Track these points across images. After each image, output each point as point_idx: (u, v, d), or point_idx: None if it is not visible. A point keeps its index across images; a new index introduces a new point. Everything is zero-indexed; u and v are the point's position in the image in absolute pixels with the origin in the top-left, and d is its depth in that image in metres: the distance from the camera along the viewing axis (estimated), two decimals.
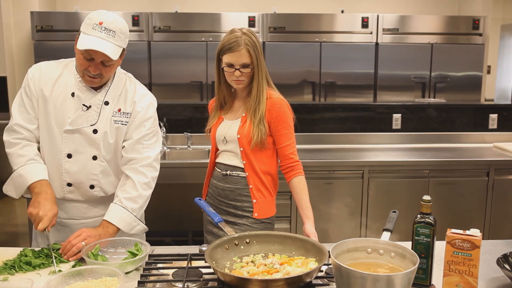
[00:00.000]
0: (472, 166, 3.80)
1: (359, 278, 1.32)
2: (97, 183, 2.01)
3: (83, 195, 2.03)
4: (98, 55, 1.82)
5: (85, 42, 1.81)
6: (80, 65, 1.89)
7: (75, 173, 1.98)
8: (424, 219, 1.53)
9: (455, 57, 5.98)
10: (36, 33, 5.67)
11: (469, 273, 1.46)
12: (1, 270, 1.66)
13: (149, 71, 5.74)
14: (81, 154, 1.97)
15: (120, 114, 1.99)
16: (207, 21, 5.75)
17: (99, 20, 1.82)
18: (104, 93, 1.98)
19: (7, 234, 4.98)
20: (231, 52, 2.06)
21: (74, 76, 1.97)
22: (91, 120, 1.95)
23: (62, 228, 2.00)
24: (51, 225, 1.85)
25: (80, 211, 2.06)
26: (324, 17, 5.85)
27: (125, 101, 2.01)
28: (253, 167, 2.14)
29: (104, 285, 1.49)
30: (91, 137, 1.96)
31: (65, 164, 1.97)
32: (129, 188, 1.98)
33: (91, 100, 1.95)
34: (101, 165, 2.00)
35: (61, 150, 1.96)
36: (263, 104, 2.11)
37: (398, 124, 4.41)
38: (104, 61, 1.85)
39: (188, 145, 4.17)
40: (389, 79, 5.97)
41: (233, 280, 1.43)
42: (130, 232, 1.99)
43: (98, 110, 1.96)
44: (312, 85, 5.91)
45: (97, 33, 1.81)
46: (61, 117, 1.95)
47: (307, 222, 2.08)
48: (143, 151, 2.02)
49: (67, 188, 2.01)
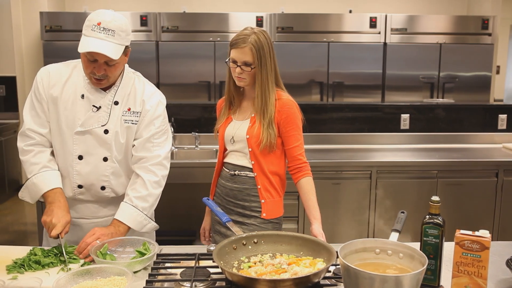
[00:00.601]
0: (481, 167, 3.77)
1: (367, 278, 1.31)
2: (108, 184, 2.02)
3: (93, 196, 2.04)
4: (100, 56, 1.81)
5: (85, 44, 1.80)
6: (85, 67, 1.89)
7: (86, 175, 1.98)
8: (432, 220, 1.53)
9: (464, 57, 5.95)
10: (45, 33, 5.71)
11: (478, 275, 1.45)
12: (10, 269, 1.67)
13: (157, 71, 5.76)
14: (92, 156, 1.97)
15: (130, 113, 1.99)
16: (215, 21, 5.76)
17: (97, 20, 1.81)
18: (113, 93, 1.98)
19: (16, 233, 5.01)
20: (236, 48, 2.07)
21: (83, 77, 1.97)
22: (101, 120, 1.96)
23: (72, 227, 2.01)
24: (64, 232, 1.86)
25: (91, 210, 2.07)
26: (332, 17, 5.84)
27: (135, 100, 2.01)
28: (262, 167, 2.14)
29: (113, 284, 1.49)
30: (102, 137, 1.96)
31: (76, 166, 1.98)
32: (139, 187, 1.99)
33: (100, 101, 1.96)
34: (112, 166, 2.00)
35: (72, 152, 1.96)
36: (271, 106, 2.10)
37: (406, 125, 4.39)
38: (108, 61, 1.84)
39: (196, 145, 4.17)
40: (397, 79, 5.95)
41: (241, 280, 1.43)
42: (142, 231, 2.01)
43: (108, 111, 1.96)
44: (320, 85, 5.90)
45: (96, 34, 1.80)
46: (71, 119, 1.95)
47: (314, 223, 2.08)
48: (153, 149, 2.02)
49: (78, 189, 2.01)
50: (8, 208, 5.74)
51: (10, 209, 5.73)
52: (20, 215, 5.53)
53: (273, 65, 2.12)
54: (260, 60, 2.06)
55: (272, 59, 2.11)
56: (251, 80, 2.11)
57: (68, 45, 5.56)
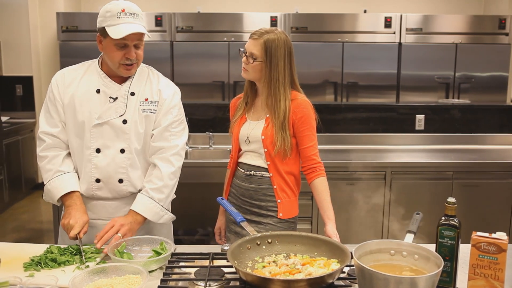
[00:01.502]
0: (497, 168, 3.73)
1: (382, 280, 1.31)
2: (125, 177, 2.03)
3: (111, 191, 2.04)
4: (131, 39, 1.89)
5: (119, 30, 1.85)
6: (114, 57, 1.92)
7: (104, 168, 1.99)
8: (448, 221, 1.51)
9: (480, 57, 5.88)
10: (62, 33, 5.77)
11: (495, 277, 1.43)
12: (27, 266, 1.69)
13: (172, 71, 5.79)
14: (109, 148, 1.99)
15: (147, 103, 2.03)
16: (229, 21, 5.77)
17: (120, 8, 1.88)
18: (128, 84, 2.02)
19: (32, 231, 5.07)
20: (250, 38, 2.13)
21: (97, 74, 2.01)
22: (119, 111, 1.98)
23: (90, 229, 2.01)
24: (83, 232, 1.88)
25: (109, 211, 2.06)
26: (346, 17, 5.81)
27: (151, 90, 2.05)
28: (277, 167, 2.14)
29: (128, 283, 1.50)
30: (121, 128, 1.98)
31: (94, 159, 1.99)
32: (155, 179, 2.02)
33: (116, 93, 1.99)
34: (129, 158, 2.01)
35: (90, 145, 1.98)
36: (283, 108, 2.09)
37: (421, 125, 4.35)
38: (136, 44, 1.93)
39: (210, 144, 4.19)
40: (412, 80, 5.90)
41: (255, 279, 1.43)
42: (159, 222, 2.04)
43: (124, 101, 1.99)
44: (334, 85, 5.88)
45: (124, 19, 1.87)
46: (87, 113, 1.97)
47: (328, 223, 2.08)
48: (170, 138, 2.05)
49: (96, 184, 2.02)
50: (24, 206, 5.81)
51: (27, 207, 5.80)
52: (36, 213, 5.60)
53: (288, 67, 2.12)
54: (270, 58, 2.07)
55: (287, 61, 2.12)
56: (255, 75, 2.12)
57: (84, 45, 5.62)
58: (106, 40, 1.92)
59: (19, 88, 6.23)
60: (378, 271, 1.32)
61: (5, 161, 5.57)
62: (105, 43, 1.93)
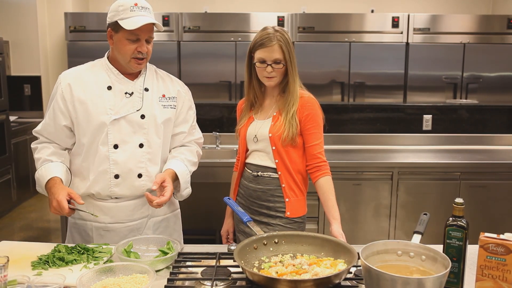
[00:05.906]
0: (505, 169, 3.71)
1: (389, 280, 1.30)
2: (145, 172, 2.01)
3: (130, 187, 2.01)
4: (144, 32, 1.91)
5: (133, 22, 1.87)
6: (126, 51, 1.93)
7: (123, 163, 1.98)
8: (456, 222, 1.51)
9: (488, 57, 5.84)
10: (70, 33, 5.79)
11: (503, 279, 1.42)
12: (35, 265, 1.70)
13: (179, 70, 5.80)
14: (127, 144, 1.98)
15: (165, 99, 2.07)
16: (236, 21, 5.78)
17: (133, 2, 1.90)
18: (142, 79, 2.04)
19: (40, 229, 5.10)
20: (263, 48, 2.07)
21: (105, 71, 2.01)
22: (136, 105, 1.99)
23: (106, 233, 2.01)
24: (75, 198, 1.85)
25: (126, 213, 2.03)
26: (353, 17, 5.80)
27: (165, 87, 2.10)
28: (286, 165, 2.14)
29: (135, 282, 1.51)
30: (139, 123, 1.99)
31: (112, 155, 1.97)
32: (188, 153, 2.15)
33: (131, 88, 2.00)
34: (148, 152, 2.02)
35: (107, 142, 1.96)
36: (297, 101, 2.12)
37: (428, 126, 4.33)
38: (148, 39, 1.96)
39: (217, 144, 4.19)
40: (420, 80, 5.88)
41: (262, 279, 1.43)
42: (182, 193, 2.10)
43: (140, 96, 2.01)
44: (341, 85, 5.87)
45: (137, 12, 1.90)
46: (102, 110, 1.96)
47: (334, 223, 2.06)
48: (195, 133, 2.23)
49: (114, 180, 1.98)
50: (32, 205, 5.85)
51: (34, 206, 5.84)
52: (44, 212, 5.63)
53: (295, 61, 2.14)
54: (290, 55, 2.10)
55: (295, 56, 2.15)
56: (281, 78, 2.12)
57: (92, 45, 5.65)
58: (117, 35, 1.93)
59: (27, 88, 6.27)
60: (385, 271, 1.31)
61: (13, 160, 5.61)
62: (116, 38, 1.93)
